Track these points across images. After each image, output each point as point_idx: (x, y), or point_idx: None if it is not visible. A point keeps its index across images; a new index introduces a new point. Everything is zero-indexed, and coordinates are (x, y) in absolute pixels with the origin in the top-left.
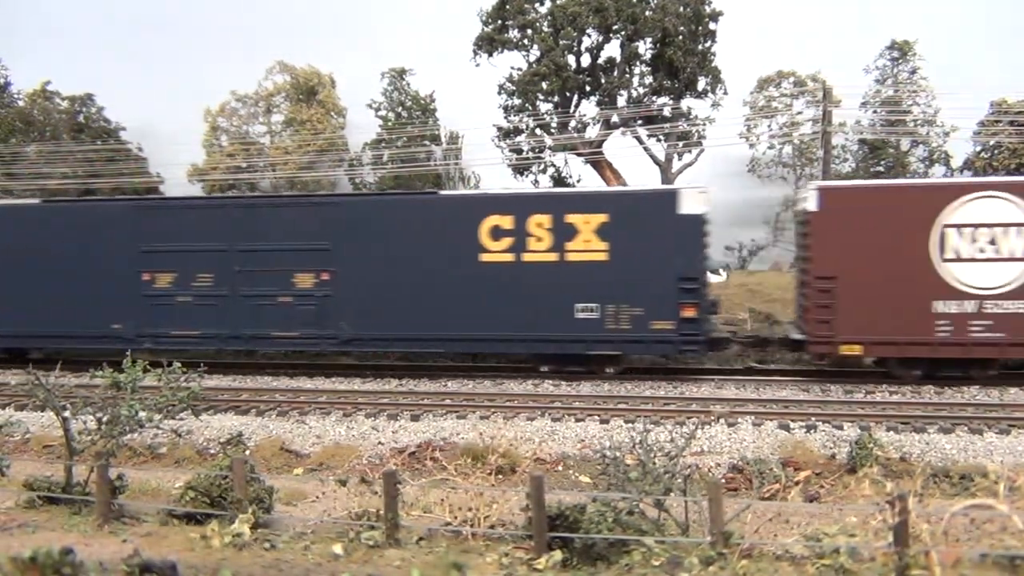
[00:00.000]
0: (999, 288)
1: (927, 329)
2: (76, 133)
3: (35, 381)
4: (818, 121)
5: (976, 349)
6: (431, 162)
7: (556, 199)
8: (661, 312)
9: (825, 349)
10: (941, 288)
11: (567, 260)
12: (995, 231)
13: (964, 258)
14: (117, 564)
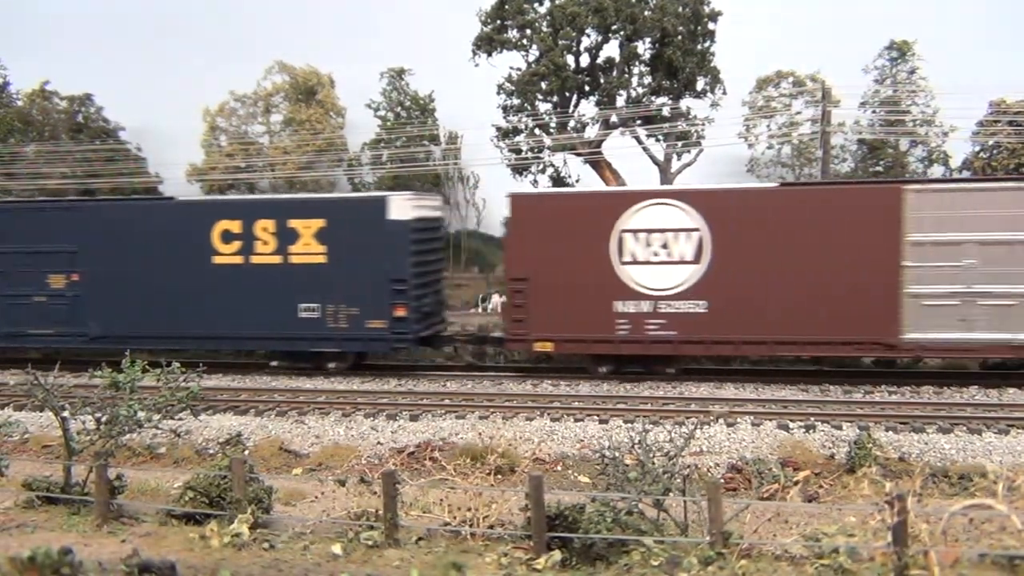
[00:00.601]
0: (672, 289)
1: (609, 327)
2: (75, 133)
3: (34, 381)
4: (817, 121)
5: (653, 347)
6: (430, 162)
7: (280, 205)
8: (375, 312)
9: (520, 346)
10: (621, 289)
11: (290, 262)
12: (667, 236)
13: (640, 261)
14: (116, 564)
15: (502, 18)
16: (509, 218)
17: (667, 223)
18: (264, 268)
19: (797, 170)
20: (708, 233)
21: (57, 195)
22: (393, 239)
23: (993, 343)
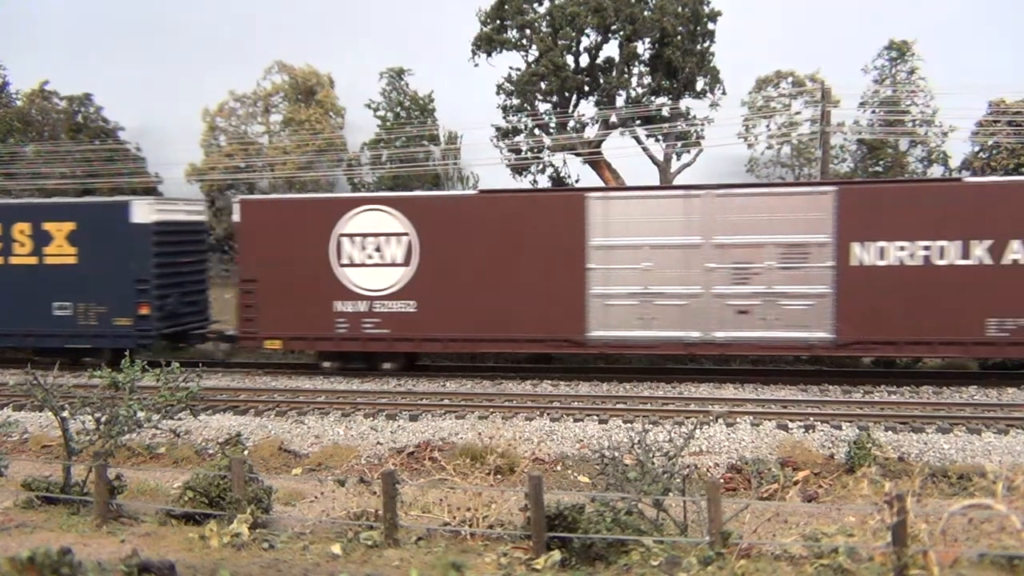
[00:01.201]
0: (385, 290)
1: (330, 326)
2: (74, 133)
3: (33, 381)
4: (816, 121)
5: (370, 344)
6: (430, 162)
7: (35, 208)
8: (121, 310)
9: (251, 343)
10: (340, 290)
11: (45, 263)
12: (380, 240)
13: (356, 263)
14: (115, 564)
15: (501, 18)
16: (239, 223)
17: (379, 228)
18: (22, 268)
19: (797, 170)
20: (416, 237)
21: (57, 195)
22: (136, 241)
23: (669, 340)
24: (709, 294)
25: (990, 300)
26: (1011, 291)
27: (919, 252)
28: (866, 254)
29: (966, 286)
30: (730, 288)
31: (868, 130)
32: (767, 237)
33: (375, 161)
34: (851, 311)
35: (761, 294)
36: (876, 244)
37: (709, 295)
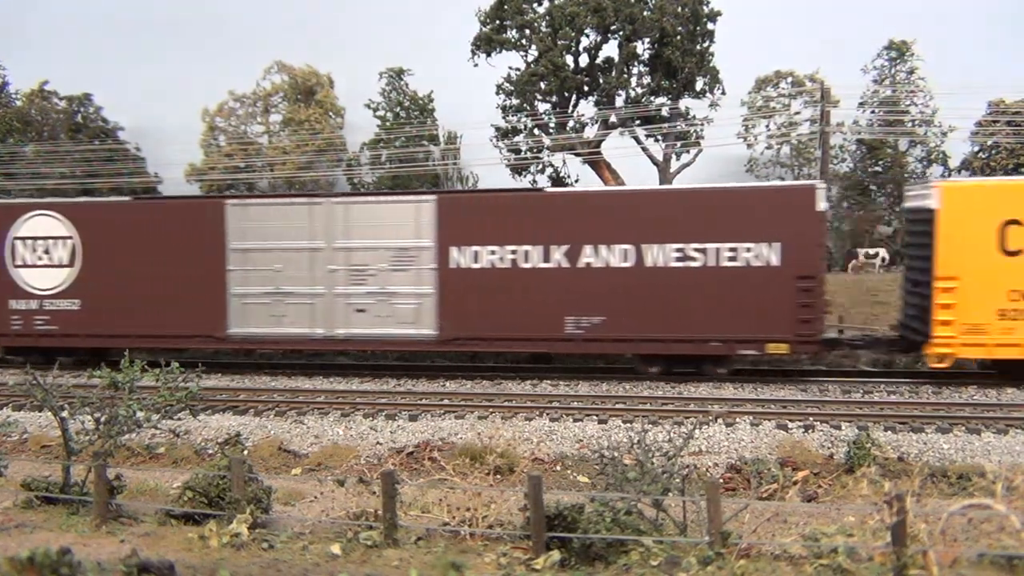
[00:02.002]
0: (53, 289)
1: (7, 323)
2: (74, 133)
3: (33, 381)
4: (816, 121)
5: (41, 339)
6: (429, 162)
7: None
8: None
9: None
10: (14, 289)
11: None
12: (48, 243)
13: (29, 264)
14: (115, 564)
15: (501, 18)
16: None
17: (47, 232)
18: None
19: (796, 170)
20: (79, 241)
21: (57, 195)
22: None
23: (298, 337)
24: (332, 294)
25: (567, 300)
26: (585, 292)
27: (508, 256)
28: (462, 257)
29: (547, 287)
30: (350, 288)
31: (868, 130)
32: (381, 241)
33: (375, 161)
34: (450, 310)
35: (376, 294)
36: (471, 248)
37: (332, 295)
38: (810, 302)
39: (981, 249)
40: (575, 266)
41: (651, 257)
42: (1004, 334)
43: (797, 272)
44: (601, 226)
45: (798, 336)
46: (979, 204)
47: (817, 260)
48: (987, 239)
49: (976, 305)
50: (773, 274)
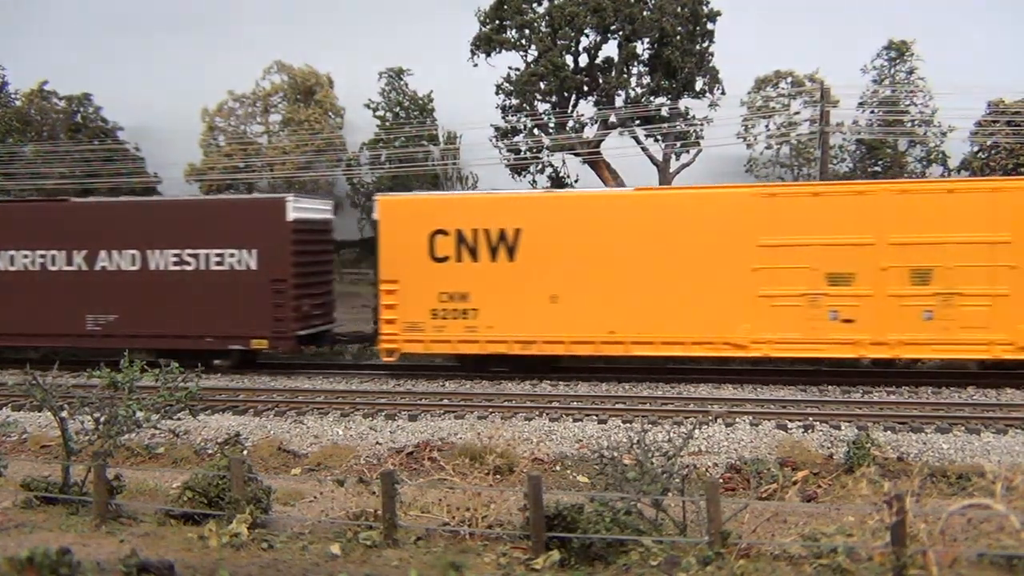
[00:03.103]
0: None
1: None
2: (73, 133)
3: (32, 381)
4: (816, 121)
5: None
6: (429, 162)
7: None
8: None
9: None
10: None
11: None
12: None
13: None
14: (115, 564)
15: (501, 18)
16: None
17: None
18: None
19: (796, 170)
20: None
21: (56, 195)
22: None
23: None
24: None
25: (88, 300)
26: (101, 293)
27: (38, 259)
28: (2, 261)
29: (70, 288)
30: None
31: (867, 130)
32: None
33: (374, 161)
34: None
35: None
36: (8, 253)
37: None
38: (282, 302)
39: (415, 256)
40: (93, 269)
41: (154, 261)
42: (437, 331)
43: (271, 276)
44: (115, 233)
45: (274, 333)
46: (411, 215)
47: (287, 265)
48: (419, 247)
49: (413, 306)
50: (252, 277)
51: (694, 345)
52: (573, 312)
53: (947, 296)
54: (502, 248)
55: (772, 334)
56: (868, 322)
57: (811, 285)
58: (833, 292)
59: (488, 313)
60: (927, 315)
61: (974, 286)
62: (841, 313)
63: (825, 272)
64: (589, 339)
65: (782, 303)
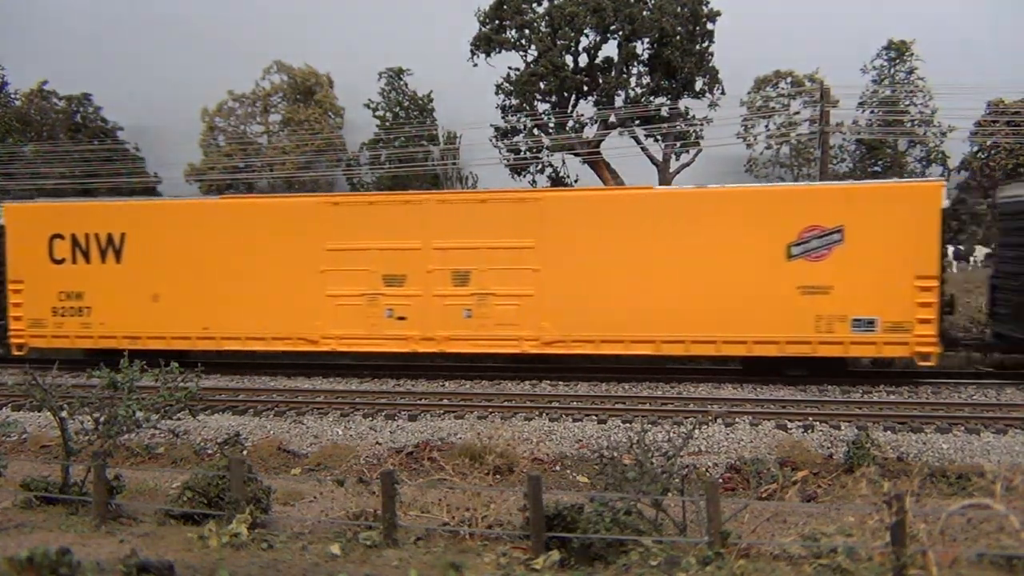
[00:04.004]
0: None
1: None
2: (73, 133)
3: (32, 381)
4: (816, 121)
5: None
6: (429, 162)
7: None
8: None
9: None
10: None
11: None
12: None
13: None
14: (114, 564)
15: (500, 18)
16: None
17: None
18: None
19: (796, 170)
20: None
21: (54, 195)
22: None
23: None
24: None
25: None
26: None
27: None
28: None
29: None
30: None
31: (867, 130)
32: None
33: (374, 161)
34: None
35: None
36: None
37: None
38: None
39: (37, 258)
40: None
41: None
42: (57, 327)
43: None
44: None
45: None
46: (34, 221)
47: None
48: (41, 250)
49: (36, 304)
50: None
51: (275, 340)
52: (172, 310)
53: (483, 296)
54: (111, 251)
55: (339, 330)
56: (418, 319)
57: (370, 286)
58: (389, 292)
59: (100, 311)
60: (467, 313)
61: (504, 287)
62: (396, 311)
63: (382, 274)
64: (186, 335)
65: (346, 302)
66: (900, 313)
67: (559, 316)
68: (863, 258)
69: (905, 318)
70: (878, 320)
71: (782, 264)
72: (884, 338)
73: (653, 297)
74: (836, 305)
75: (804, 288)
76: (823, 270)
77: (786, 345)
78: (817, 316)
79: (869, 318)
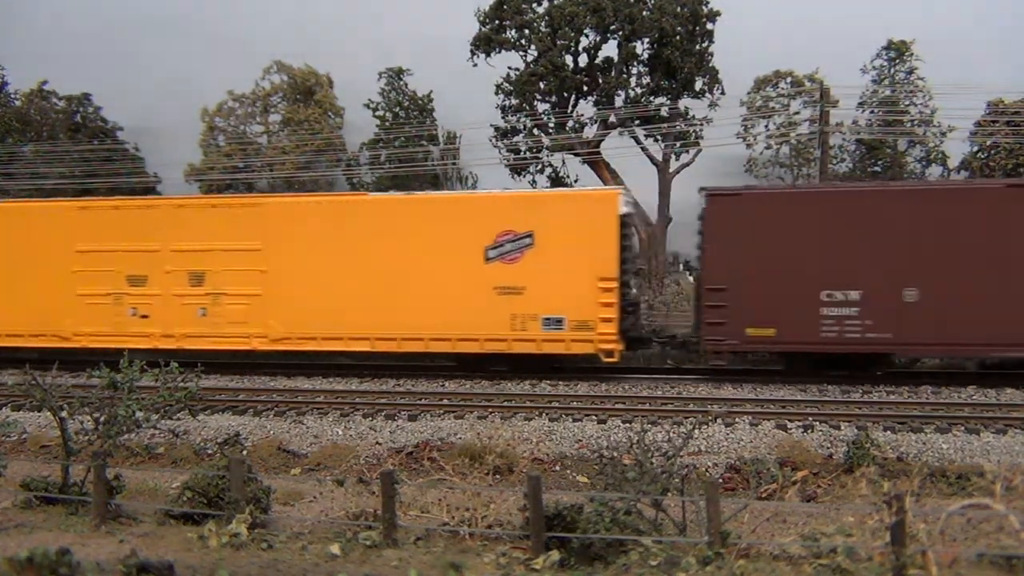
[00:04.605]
0: None
1: None
2: (73, 133)
3: (32, 381)
4: (815, 121)
5: None
6: (429, 162)
7: None
8: None
9: None
10: None
11: None
12: None
13: None
14: (114, 564)
15: (500, 18)
16: None
17: None
18: None
19: (795, 170)
20: None
21: (53, 196)
22: None
23: None
24: None
25: None
26: None
27: None
28: None
29: None
30: None
31: (867, 130)
32: None
33: (374, 161)
34: None
35: None
36: None
37: None
38: None
39: None
40: None
41: None
42: None
43: None
44: None
45: None
46: None
47: None
48: None
49: None
50: None
51: (31, 337)
52: None
53: (216, 296)
54: None
55: (89, 328)
56: (159, 318)
57: (115, 286)
58: (133, 292)
59: None
60: (202, 312)
61: (235, 287)
62: (139, 310)
63: (126, 274)
64: None
65: (95, 301)
66: (584, 312)
67: (284, 315)
68: (551, 261)
69: (589, 317)
70: (565, 319)
71: (480, 266)
72: (572, 336)
73: (367, 297)
74: (529, 305)
75: (500, 289)
76: (517, 272)
77: (486, 342)
78: (512, 315)
79: (558, 317)
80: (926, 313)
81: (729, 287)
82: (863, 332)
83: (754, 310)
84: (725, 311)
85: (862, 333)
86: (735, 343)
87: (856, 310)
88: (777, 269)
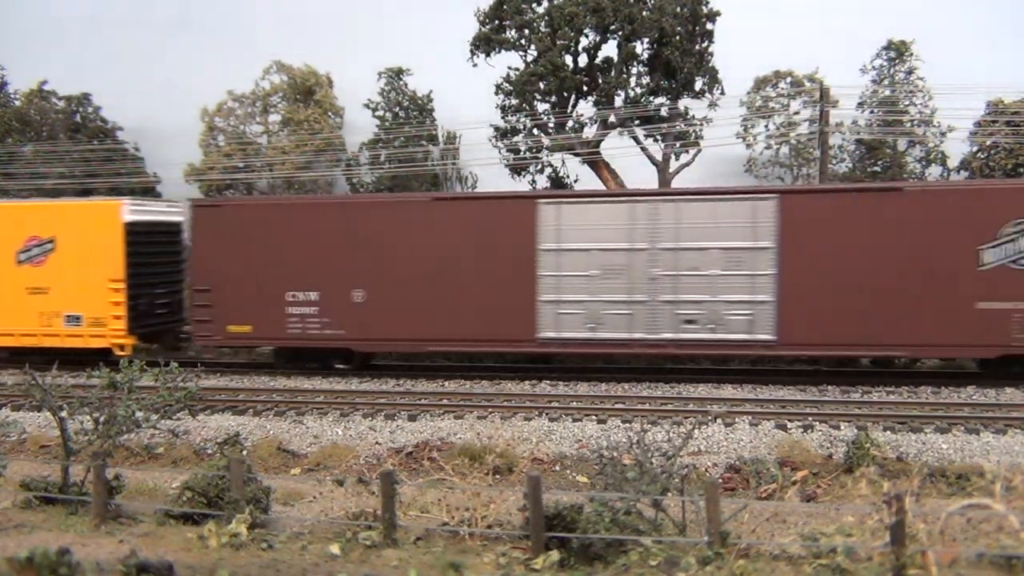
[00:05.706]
0: None
1: None
2: (73, 133)
3: (32, 381)
4: (815, 121)
5: None
6: (428, 162)
7: None
8: None
9: None
10: None
11: None
12: None
13: None
14: (114, 564)
15: (500, 18)
16: None
17: None
18: None
19: (795, 170)
20: None
21: (53, 196)
22: None
23: None
24: None
25: None
26: None
27: None
28: None
29: None
30: None
31: (867, 130)
32: None
33: (374, 161)
34: None
35: None
36: None
37: None
38: None
39: None
40: None
41: None
42: None
43: None
44: None
45: None
46: None
47: None
48: None
49: None
50: None
51: None
52: None
53: None
54: None
55: None
56: None
57: None
58: None
59: None
60: None
61: None
62: None
63: None
64: None
65: None
66: (98, 310)
67: None
68: (71, 264)
69: (102, 314)
70: (83, 316)
71: (13, 268)
72: (89, 331)
73: None
74: (53, 303)
75: (30, 289)
76: (43, 274)
77: (21, 337)
78: (41, 313)
79: (77, 314)
80: (372, 312)
81: (212, 288)
82: (322, 329)
83: (233, 309)
84: (210, 310)
85: (321, 330)
86: (219, 339)
87: (316, 309)
88: (251, 272)
